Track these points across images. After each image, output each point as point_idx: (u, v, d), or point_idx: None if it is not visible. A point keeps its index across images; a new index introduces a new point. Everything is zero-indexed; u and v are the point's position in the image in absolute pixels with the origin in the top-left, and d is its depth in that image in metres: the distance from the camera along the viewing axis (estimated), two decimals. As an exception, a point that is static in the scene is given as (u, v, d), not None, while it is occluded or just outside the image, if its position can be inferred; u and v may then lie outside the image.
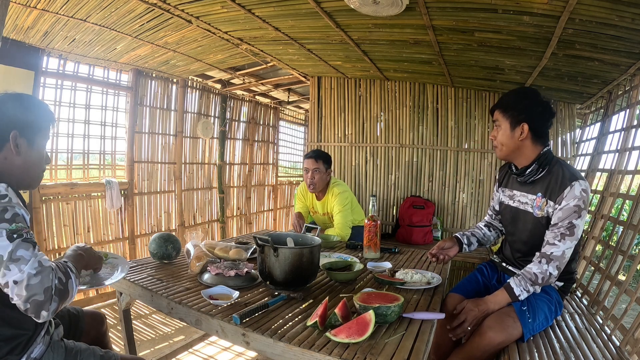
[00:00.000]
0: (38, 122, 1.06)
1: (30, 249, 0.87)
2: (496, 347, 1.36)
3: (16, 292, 0.84)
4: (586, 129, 3.31)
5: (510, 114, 1.48)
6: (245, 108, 5.05)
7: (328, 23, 2.23)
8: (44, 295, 0.86)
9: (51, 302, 0.87)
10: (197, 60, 3.26)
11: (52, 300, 0.87)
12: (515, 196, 1.59)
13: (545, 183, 1.46)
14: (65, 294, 0.91)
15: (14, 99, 1.03)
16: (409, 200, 3.47)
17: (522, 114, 1.46)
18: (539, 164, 1.47)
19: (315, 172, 2.52)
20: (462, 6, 1.84)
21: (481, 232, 1.81)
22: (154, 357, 2.20)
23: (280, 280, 1.39)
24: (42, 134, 1.07)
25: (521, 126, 1.45)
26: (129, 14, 2.27)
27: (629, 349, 1.42)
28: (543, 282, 1.38)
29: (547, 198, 1.44)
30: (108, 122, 3.41)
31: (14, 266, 0.84)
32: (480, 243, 1.79)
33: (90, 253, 1.15)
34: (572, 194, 1.36)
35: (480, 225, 1.84)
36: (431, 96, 3.53)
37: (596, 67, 2.31)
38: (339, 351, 0.97)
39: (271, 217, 5.75)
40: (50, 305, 0.87)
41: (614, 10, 1.60)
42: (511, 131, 1.48)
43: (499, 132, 1.52)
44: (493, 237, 1.82)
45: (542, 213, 1.45)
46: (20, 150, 1.01)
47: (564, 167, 1.45)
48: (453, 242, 1.74)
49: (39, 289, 0.85)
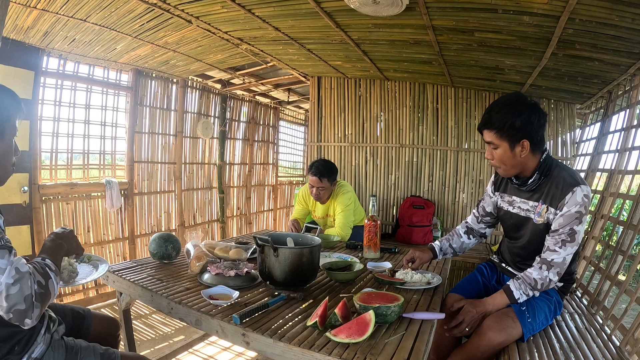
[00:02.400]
0: (4, 113, 0.99)
1: (5, 256, 0.85)
2: (496, 348, 1.36)
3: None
4: (586, 129, 3.31)
5: (508, 133, 1.38)
6: (245, 108, 5.06)
7: (328, 23, 2.23)
8: (25, 304, 0.84)
9: (33, 309, 0.86)
10: (197, 60, 3.26)
11: (34, 307, 0.86)
12: (515, 202, 1.55)
13: (545, 189, 1.43)
14: (47, 296, 0.90)
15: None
16: (409, 200, 3.47)
17: (521, 131, 1.37)
18: (541, 173, 1.43)
19: (320, 189, 2.51)
20: (462, 6, 1.83)
21: (460, 240, 1.76)
22: (154, 357, 2.20)
23: (280, 280, 1.39)
24: (10, 125, 1.00)
25: (521, 143, 1.38)
26: (129, 14, 2.27)
27: (629, 349, 1.42)
28: (542, 287, 1.37)
29: (547, 205, 1.41)
30: (108, 122, 3.41)
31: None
32: (456, 253, 1.77)
33: (69, 238, 1.11)
34: (574, 200, 1.34)
35: (460, 232, 1.77)
36: (431, 96, 3.53)
37: (596, 67, 2.31)
38: (339, 351, 0.97)
39: (271, 217, 5.75)
40: (33, 312, 0.86)
41: (614, 10, 1.60)
42: (512, 151, 1.40)
43: (496, 153, 1.44)
44: (472, 245, 1.78)
45: (542, 219, 1.43)
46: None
47: (563, 171, 1.42)
48: (427, 251, 1.73)
49: (19, 298, 0.84)
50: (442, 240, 1.77)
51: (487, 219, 1.73)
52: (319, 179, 2.47)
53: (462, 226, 1.79)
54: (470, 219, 1.78)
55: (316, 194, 2.52)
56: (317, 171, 2.48)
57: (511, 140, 1.39)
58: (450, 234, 1.79)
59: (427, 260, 1.72)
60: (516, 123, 1.36)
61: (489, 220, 1.73)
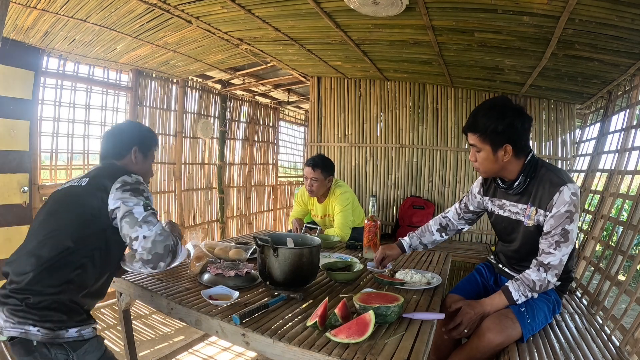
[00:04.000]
0: (153, 141, 1.47)
1: (156, 219, 1.19)
2: (495, 348, 1.36)
3: (142, 244, 1.14)
4: (586, 129, 3.31)
5: (490, 138, 1.38)
6: (245, 108, 5.06)
7: (328, 23, 2.23)
8: (164, 251, 1.17)
9: (167, 258, 1.18)
10: (197, 60, 3.26)
11: (168, 256, 1.18)
12: (505, 206, 1.54)
13: (533, 191, 1.42)
14: (175, 254, 1.22)
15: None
16: (409, 200, 3.47)
17: (504, 135, 1.36)
18: (526, 175, 1.42)
19: (313, 180, 2.52)
20: (462, 6, 1.84)
21: (431, 237, 1.77)
22: (154, 357, 2.20)
23: (280, 281, 1.39)
24: (155, 150, 1.48)
25: (504, 148, 1.37)
26: (129, 14, 2.27)
27: (629, 349, 1.42)
28: (541, 289, 1.37)
29: (536, 207, 1.40)
30: (108, 123, 3.41)
31: (145, 226, 1.15)
32: (426, 248, 1.78)
33: (176, 226, 1.47)
34: (562, 199, 1.32)
35: (432, 229, 1.77)
36: (431, 96, 3.54)
37: (596, 67, 2.31)
38: (338, 351, 0.97)
39: (271, 217, 5.75)
40: (166, 260, 1.18)
41: (613, 11, 1.60)
42: (494, 154, 1.39)
43: (478, 156, 1.43)
44: (443, 241, 1.80)
45: (532, 222, 1.42)
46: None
47: (550, 171, 1.40)
48: (395, 247, 1.75)
49: (161, 246, 1.16)
50: (412, 237, 1.77)
51: (469, 216, 1.74)
52: (312, 169, 2.50)
53: (436, 223, 1.79)
54: (451, 214, 1.78)
55: (309, 185, 2.52)
56: (312, 161, 2.53)
57: (494, 144, 1.39)
58: (422, 230, 1.79)
59: (396, 257, 1.75)
60: (499, 127, 1.36)
61: (470, 217, 1.74)
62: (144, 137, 1.41)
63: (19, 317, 1.03)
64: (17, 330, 1.03)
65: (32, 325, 1.03)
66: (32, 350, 1.03)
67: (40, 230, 1.16)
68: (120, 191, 1.16)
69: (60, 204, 1.22)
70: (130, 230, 1.14)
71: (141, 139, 1.39)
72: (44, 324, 1.04)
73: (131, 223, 1.14)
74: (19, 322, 1.03)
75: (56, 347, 1.05)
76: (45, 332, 1.04)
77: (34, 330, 1.03)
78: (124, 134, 1.39)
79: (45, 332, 1.04)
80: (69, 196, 1.22)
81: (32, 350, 1.03)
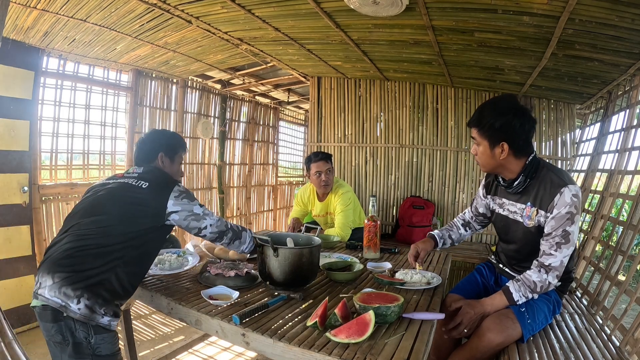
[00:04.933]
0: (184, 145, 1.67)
1: (210, 211, 1.44)
2: (495, 348, 1.36)
3: (210, 230, 1.41)
4: (586, 129, 3.31)
5: (488, 133, 1.40)
6: (245, 108, 5.06)
7: (328, 23, 2.23)
8: (225, 228, 1.46)
9: (229, 232, 1.46)
10: (197, 60, 3.26)
11: (229, 231, 1.46)
12: (504, 204, 1.56)
13: (534, 191, 1.42)
14: (235, 232, 1.49)
15: None
16: (409, 200, 3.47)
17: (501, 133, 1.38)
18: (526, 175, 1.42)
19: (328, 172, 2.55)
20: (462, 6, 1.83)
21: (458, 232, 1.79)
22: (154, 357, 2.20)
23: (280, 281, 1.39)
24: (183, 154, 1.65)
25: (501, 145, 1.39)
26: (129, 14, 2.27)
27: (629, 349, 1.42)
28: (542, 290, 1.37)
29: (537, 207, 1.40)
30: (108, 123, 3.41)
31: (207, 217, 1.41)
32: (454, 243, 1.79)
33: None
34: (563, 201, 1.32)
35: (458, 224, 1.81)
36: (431, 96, 3.53)
37: (596, 67, 2.31)
38: (338, 351, 0.97)
39: (271, 217, 5.75)
40: (229, 233, 1.46)
41: (613, 11, 1.60)
42: (491, 150, 1.41)
43: (478, 150, 1.46)
44: (467, 236, 1.82)
45: (533, 222, 1.41)
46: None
47: (551, 172, 1.40)
48: (428, 240, 1.74)
49: (225, 227, 1.46)
50: (442, 230, 1.79)
51: (481, 219, 1.76)
52: (326, 161, 2.53)
53: (460, 219, 1.83)
54: (467, 214, 1.81)
55: (325, 178, 2.54)
56: (323, 155, 2.56)
57: (491, 141, 1.41)
58: (450, 225, 1.82)
59: (431, 249, 1.73)
60: (496, 124, 1.38)
61: (482, 220, 1.77)
62: (168, 144, 1.56)
63: (66, 289, 1.09)
64: (58, 302, 1.09)
65: (75, 301, 1.09)
66: (60, 320, 1.10)
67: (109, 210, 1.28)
68: (179, 199, 1.36)
69: (119, 197, 1.34)
70: (198, 224, 1.39)
71: (165, 145, 1.54)
72: (88, 301, 1.10)
73: (197, 218, 1.38)
74: (65, 295, 1.09)
75: (81, 324, 1.11)
76: (86, 312, 1.10)
77: (74, 308, 1.09)
78: (149, 143, 1.54)
79: (85, 312, 1.10)
80: (128, 191, 1.35)
81: (60, 320, 1.10)
